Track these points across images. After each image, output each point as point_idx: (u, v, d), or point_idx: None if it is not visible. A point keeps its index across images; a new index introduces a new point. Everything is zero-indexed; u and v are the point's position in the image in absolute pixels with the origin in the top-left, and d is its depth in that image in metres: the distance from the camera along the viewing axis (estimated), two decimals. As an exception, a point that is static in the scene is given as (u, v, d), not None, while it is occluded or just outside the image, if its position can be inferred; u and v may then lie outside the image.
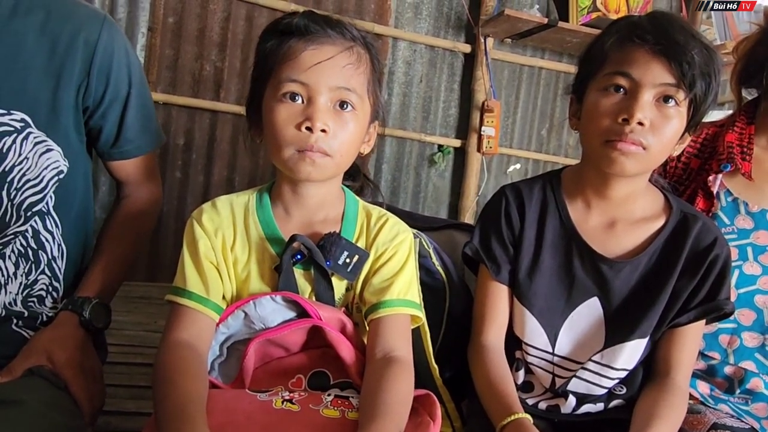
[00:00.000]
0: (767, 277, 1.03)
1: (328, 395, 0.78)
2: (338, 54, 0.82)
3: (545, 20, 2.55)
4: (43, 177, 0.92)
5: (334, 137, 0.82)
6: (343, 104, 0.83)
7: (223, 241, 0.86)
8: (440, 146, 2.83)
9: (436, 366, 1.00)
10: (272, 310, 0.82)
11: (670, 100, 0.86)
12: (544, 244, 0.97)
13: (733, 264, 1.02)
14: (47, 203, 0.95)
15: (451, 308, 1.11)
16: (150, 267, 2.40)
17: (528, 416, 0.86)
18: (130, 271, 1.08)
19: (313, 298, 0.86)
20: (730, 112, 1.18)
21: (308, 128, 0.80)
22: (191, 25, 2.38)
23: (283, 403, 0.76)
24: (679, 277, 0.92)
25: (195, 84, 2.41)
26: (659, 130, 0.86)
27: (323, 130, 0.80)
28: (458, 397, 1.04)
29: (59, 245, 0.97)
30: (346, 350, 0.83)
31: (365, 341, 0.87)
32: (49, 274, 0.96)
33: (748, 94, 1.18)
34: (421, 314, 0.91)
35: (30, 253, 0.94)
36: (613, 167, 0.88)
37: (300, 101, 0.81)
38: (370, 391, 0.77)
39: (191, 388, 0.74)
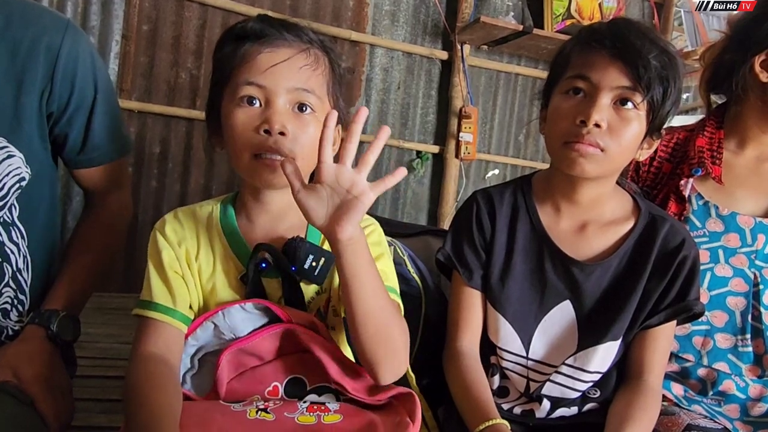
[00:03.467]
0: (738, 279, 1.05)
1: (304, 402, 0.78)
2: (294, 55, 0.82)
3: (520, 27, 2.57)
4: (5, 184, 0.90)
5: (294, 140, 0.80)
6: (302, 106, 0.82)
7: (187, 252, 0.85)
8: (419, 152, 2.84)
9: (412, 374, 0.99)
10: (242, 319, 0.81)
11: (628, 102, 0.87)
12: (516, 249, 0.97)
13: (705, 266, 1.04)
14: (11, 213, 0.92)
15: (427, 315, 1.11)
16: (125, 277, 2.36)
17: (505, 422, 0.86)
18: (103, 281, 1.05)
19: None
20: (702, 116, 1.20)
21: (266, 131, 0.79)
22: (166, 32, 2.35)
23: (257, 412, 0.75)
24: (649, 279, 0.93)
25: (170, 92, 2.38)
26: (617, 132, 0.87)
27: (282, 133, 0.79)
28: (435, 405, 1.03)
29: (24, 257, 0.95)
30: (321, 349, 0.81)
31: (339, 345, 0.86)
32: (14, 287, 0.94)
33: (718, 99, 1.19)
34: (400, 303, 0.87)
35: (-7, 266, 0.91)
36: (572, 168, 0.89)
37: (258, 105, 0.81)
38: None
39: (162, 402, 0.73)
